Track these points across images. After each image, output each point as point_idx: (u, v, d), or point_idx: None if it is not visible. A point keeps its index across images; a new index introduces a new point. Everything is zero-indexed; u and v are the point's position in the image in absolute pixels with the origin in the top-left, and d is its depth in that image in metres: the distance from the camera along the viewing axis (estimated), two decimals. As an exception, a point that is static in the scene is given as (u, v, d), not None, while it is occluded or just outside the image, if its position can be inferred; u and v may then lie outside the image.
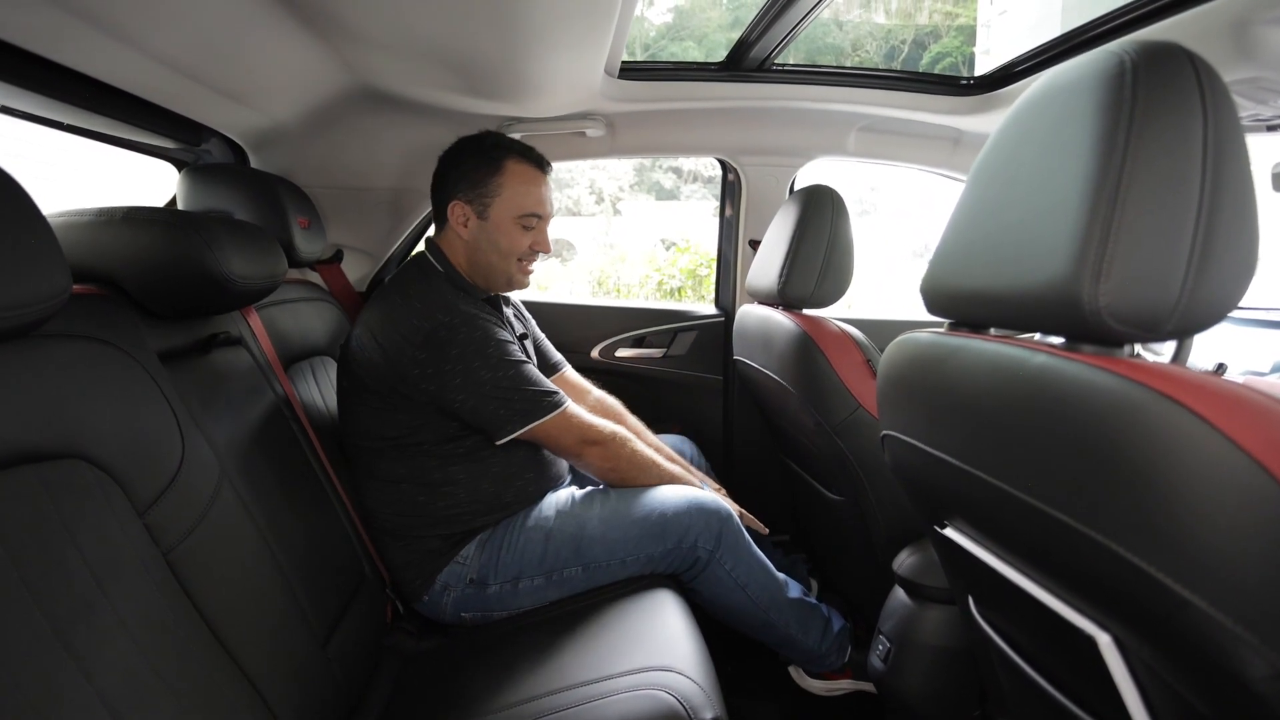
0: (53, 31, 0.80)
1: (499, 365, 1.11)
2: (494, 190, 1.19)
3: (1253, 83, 0.95)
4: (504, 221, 1.19)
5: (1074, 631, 0.56)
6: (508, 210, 1.19)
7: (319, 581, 0.96)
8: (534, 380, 1.14)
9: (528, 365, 1.15)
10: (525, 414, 1.12)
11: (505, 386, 1.11)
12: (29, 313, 0.58)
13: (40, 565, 0.57)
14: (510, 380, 1.11)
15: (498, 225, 1.20)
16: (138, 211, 0.86)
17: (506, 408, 1.11)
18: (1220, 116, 0.48)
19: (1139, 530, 0.45)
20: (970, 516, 0.69)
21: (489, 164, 1.19)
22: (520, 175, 1.20)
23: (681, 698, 0.87)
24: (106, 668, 0.59)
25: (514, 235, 1.20)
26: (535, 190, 1.21)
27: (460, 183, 1.20)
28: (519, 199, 1.19)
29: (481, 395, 1.10)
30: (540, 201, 1.22)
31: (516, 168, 1.20)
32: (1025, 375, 0.54)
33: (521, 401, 1.12)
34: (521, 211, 1.20)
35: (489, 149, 1.20)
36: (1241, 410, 0.42)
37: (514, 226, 1.20)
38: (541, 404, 1.13)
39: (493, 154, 1.19)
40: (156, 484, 0.71)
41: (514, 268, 1.22)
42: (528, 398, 1.12)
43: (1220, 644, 0.42)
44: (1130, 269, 0.47)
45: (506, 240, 1.20)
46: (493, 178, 1.18)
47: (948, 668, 1.00)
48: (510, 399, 1.11)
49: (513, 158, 1.20)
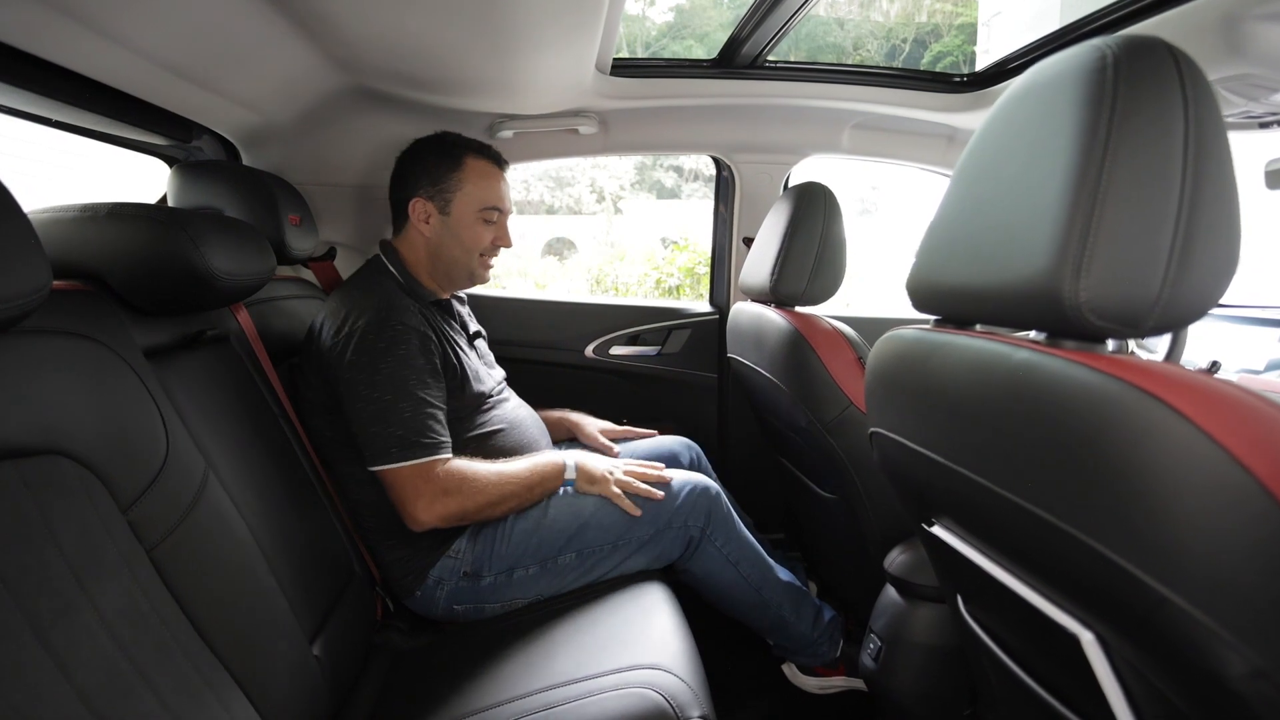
0: (41, 28, 0.80)
1: (382, 386, 1.06)
2: (455, 186, 1.22)
3: (1243, 79, 0.94)
4: (466, 216, 1.23)
5: (1058, 630, 0.56)
6: (469, 205, 1.23)
7: (307, 579, 0.95)
8: (409, 416, 1.06)
9: (417, 399, 1.07)
10: (381, 452, 1.05)
11: (374, 413, 1.05)
12: (8, 308, 0.58)
13: (18, 563, 0.57)
14: (383, 408, 1.06)
15: (460, 220, 1.23)
16: (123, 207, 0.86)
17: (369, 437, 1.07)
18: (1202, 111, 0.47)
19: (1118, 527, 0.44)
20: (956, 514, 0.68)
21: (449, 161, 1.22)
22: (480, 171, 1.23)
23: (669, 696, 0.87)
24: (87, 666, 0.59)
25: (476, 230, 1.24)
26: (495, 185, 1.25)
27: (421, 180, 1.23)
28: (480, 193, 1.23)
29: (357, 416, 1.07)
30: (500, 196, 1.25)
31: (476, 164, 1.23)
32: (1007, 371, 0.53)
33: (382, 436, 1.05)
34: (483, 205, 1.23)
35: (449, 147, 1.24)
36: (1221, 407, 0.42)
37: (476, 221, 1.23)
38: (394, 448, 1.05)
39: (452, 151, 1.23)
40: (140, 480, 0.71)
41: (476, 263, 1.26)
42: (390, 434, 1.05)
43: (1199, 642, 0.42)
44: (1111, 265, 0.47)
45: (469, 235, 1.23)
46: (453, 174, 1.22)
47: (939, 666, 1.00)
48: (371, 428, 1.06)
49: (471, 154, 1.24)
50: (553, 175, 9.11)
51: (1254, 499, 0.39)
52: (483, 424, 1.23)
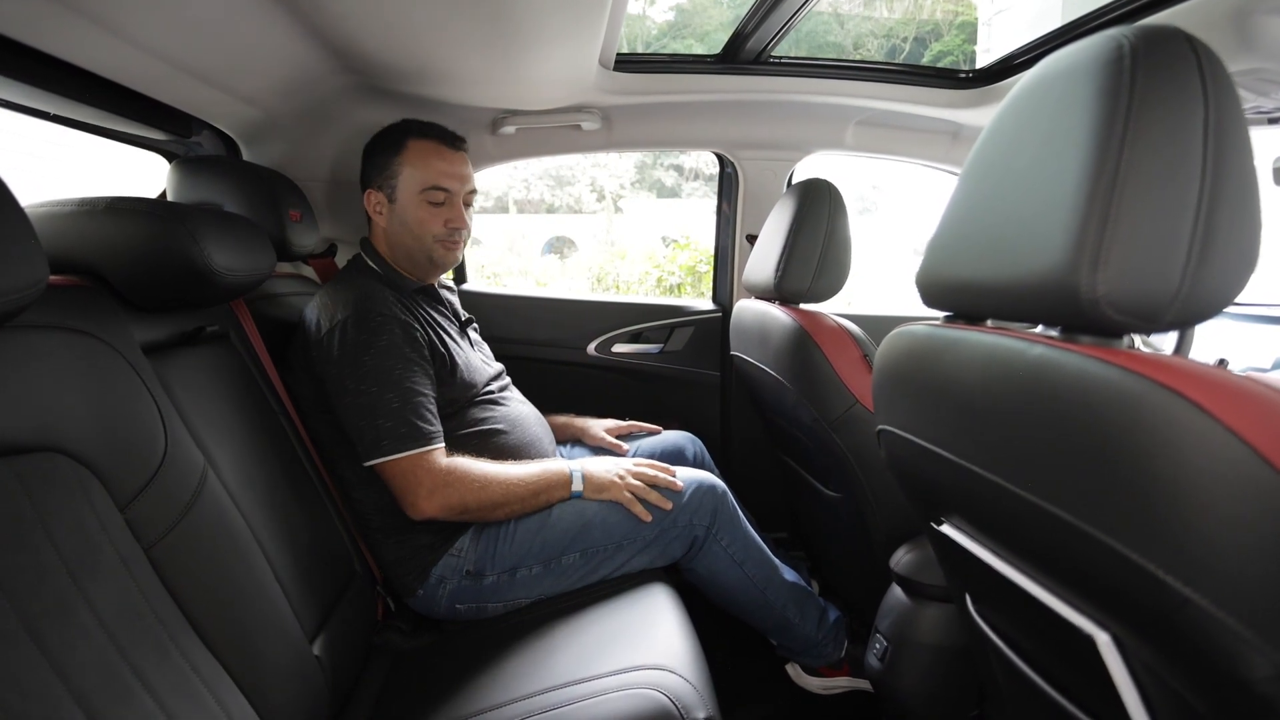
0: (38, 19, 0.79)
1: (366, 379, 1.05)
2: (396, 171, 1.20)
3: (1254, 74, 0.93)
4: (410, 200, 1.20)
5: (1072, 630, 0.55)
6: (412, 188, 1.20)
7: (307, 578, 0.94)
8: (396, 407, 1.05)
9: (402, 388, 1.06)
10: (372, 446, 1.04)
11: (363, 407, 1.05)
12: (3, 302, 0.57)
13: (13, 562, 0.56)
14: (370, 400, 1.04)
15: (405, 205, 1.21)
16: (121, 202, 0.85)
17: (359, 432, 1.06)
18: (1222, 102, 0.46)
19: (1138, 526, 0.43)
20: (967, 513, 0.67)
21: (392, 146, 1.21)
22: (421, 151, 1.20)
23: (674, 697, 0.86)
24: (83, 666, 0.58)
25: (422, 213, 1.20)
26: (438, 164, 1.21)
27: (370, 171, 1.23)
28: (421, 174, 1.20)
29: (346, 413, 1.06)
30: (444, 174, 1.21)
31: (417, 144, 1.20)
32: (1022, 367, 0.52)
33: (372, 429, 1.04)
34: (424, 185, 1.20)
35: (392, 132, 1.22)
36: (1244, 402, 0.41)
37: (420, 204, 1.20)
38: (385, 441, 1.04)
39: (394, 136, 1.21)
40: (138, 478, 0.70)
41: (432, 247, 1.22)
42: (379, 427, 1.04)
43: (1222, 644, 0.41)
44: (1129, 258, 0.46)
45: (415, 219, 1.20)
46: (395, 159, 1.20)
47: (945, 667, 0.99)
48: (360, 423, 1.05)
49: (413, 136, 1.21)
50: (553, 174, 9.09)
51: (1276, 494, 0.38)
52: (481, 421, 1.22)
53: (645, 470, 1.18)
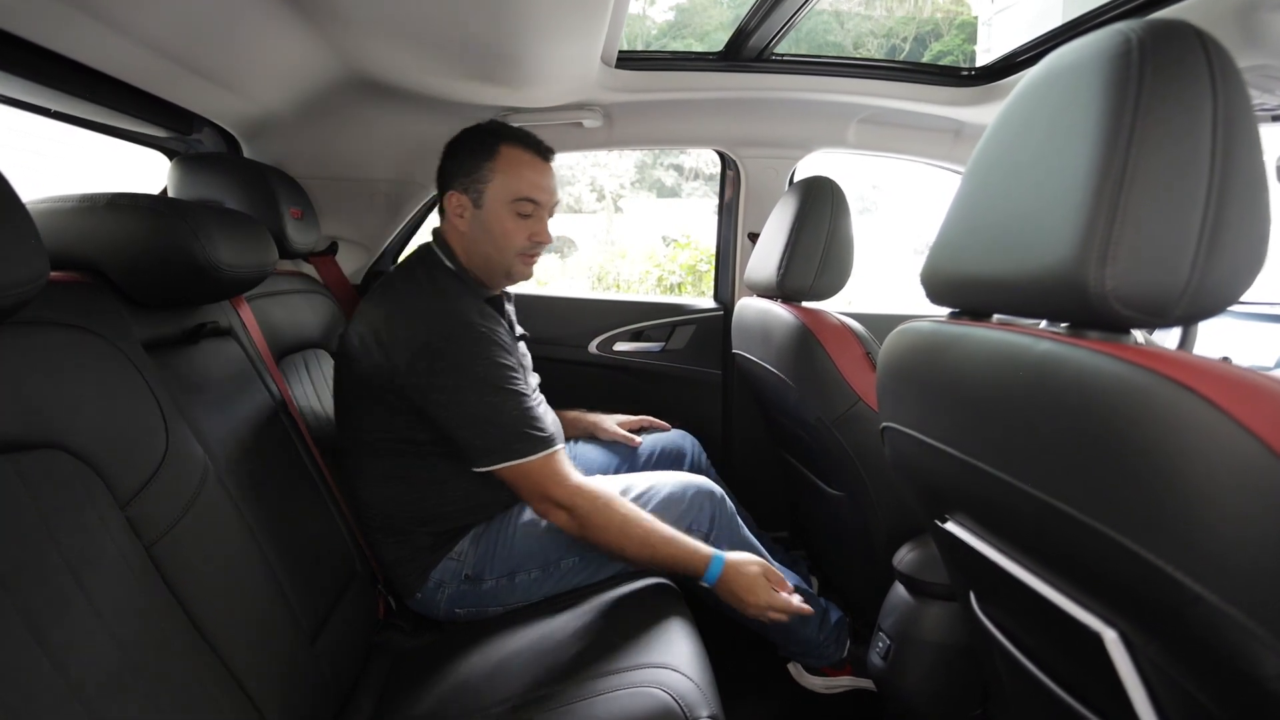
0: (40, 15, 0.79)
1: (480, 388, 1.04)
2: (487, 176, 1.14)
3: (1259, 70, 0.93)
4: (498, 209, 1.15)
5: (1079, 628, 0.55)
6: (501, 196, 1.15)
7: (308, 577, 0.94)
8: (518, 413, 1.06)
9: (516, 394, 1.07)
10: (498, 451, 1.04)
11: (483, 415, 1.04)
12: (3, 298, 0.57)
13: (14, 559, 0.56)
14: (489, 408, 1.04)
15: (492, 213, 1.15)
16: (122, 198, 0.85)
17: (480, 438, 1.05)
18: (1231, 96, 0.46)
19: (1148, 522, 0.43)
20: (972, 510, 0.67)
21: (484, 150, 1.15)
22: (515, 160, 1.15)
23: (678, 696, 0.86)
24: (84, 664, 0.58)
25: (509, 223, 1.15)
26: (530, 175, 1.16)
27: (456, 172, 1.16)
28: (512, 184, 1.14)
29: (460, 419, 1.05)
30: (536, 186, 1.16)
31: (511, 152, 1.15)
32: (1029, 362, 0.52)
33: (497, 436, 1.04)
34: (515, 196, 1.15)
35: (485, 135, 1.17)
36: (1253, 396, 0.40)
37: (508, 214, 1.15)
38: (514, 445, 1.04)
39: (487, 140, 1.16)
40: (139, 476, 0.70)
41: (512, 260, 1.18)
42: (504, 434, 1.04)
43: (1232, 641, 0.40)
44: (1137, 252, 0.46)
45: (500, 229, 1.15)
46: (486, 163, 1.14)
47: (949, 665, 0.99)
48: (484, 430, 1.04)
49: (507, 143, 1.16)
50: (552, 174, 9.07)
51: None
52: None
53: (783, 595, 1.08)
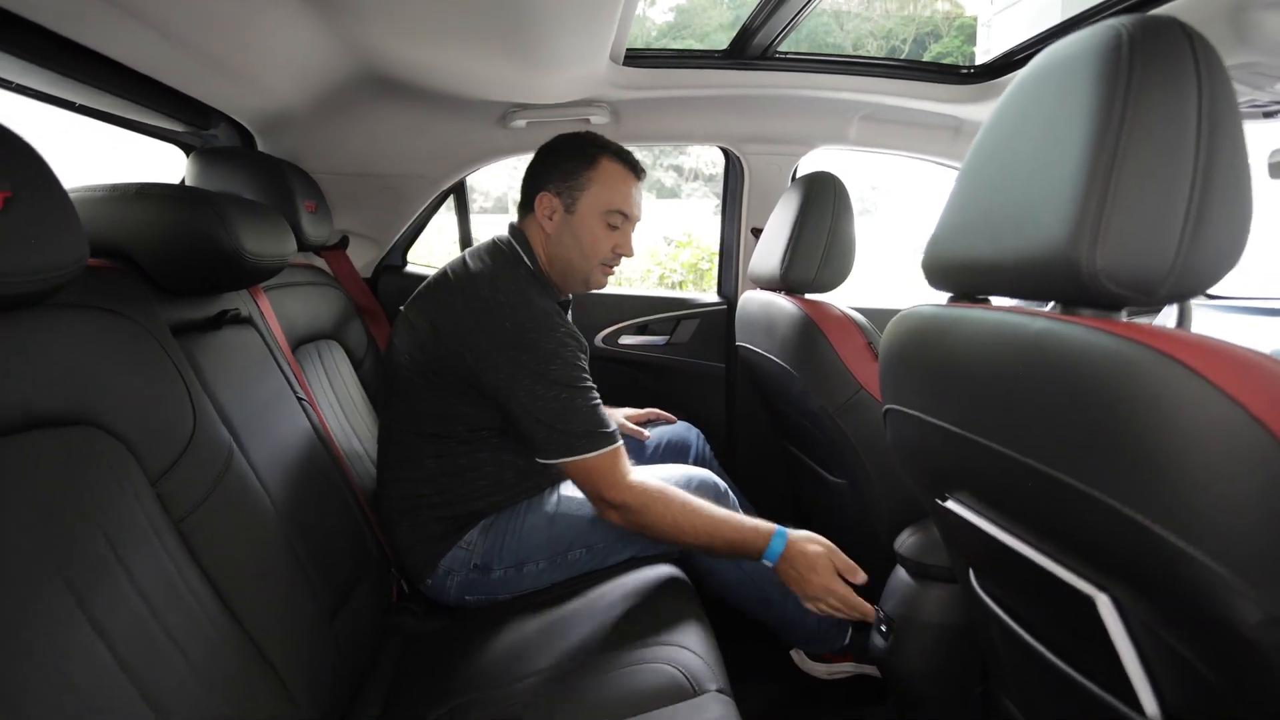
0: (73, 10, 0.81)
1: (556, 385, 1.08)
2: (584, 184, 1.18)
3: (1250, 68, 0.96)
4: (590, 217, 1.18)
5: (1073, 594, 0.57)
6: (595, 205, 1.18)
7: (326, 557, 0.97)
8: (586, 411, 1.09)
9: (588, 392, 1.11)
10: (564, 446, 1.08)
11: (554, 410, 1.07)
12: (46, 279, 0.59)
13: (58, 527, 0.58)
14: (561, 405, 1.08)
15: (583, 221, 1.18)
16: (150, 187, 0.87)
17: (549, 432, 1.08)
18: (1215, 87, 0.49)
19: (1137, 484, 0.46)
20: (972, 485, 0.70)
21: (584, 159, 1.18)
22: (613, 173, 1.19)
23: (686, 671, 0.89)
24: (121, 629, 0.60)
25: (598, 233, 1.18)
26: (625, 189, 1.20)
27: (553, 174, 1.19)
28: (608, 195, 1.18)
29: (534, 411, 1.08)
30: (628, 200, 1.20)
31: (611, 165, 1.19)
32: (1025, 340, 0.55)
33: (565, 431, 1.08)
34: (609, 207, 1.18)
35: (586, 144, 1.20)
36: (1239, 367, 0.43)
37: (599, 223, 1.18)
38: (580, 441, 1.08)
39: (589, 150, 1.19)
40: (169, 454, 0.72)
41: (594, 268, 1.21)
42: (573, 430, 1.08)
43: (1215, 593, 0.43)
44: (1127, 233, 0.49)
45: (589, 237, 1.18)
46: (585, 171, 1.18)
47: (949, 645, 1.01)
48: (553, 425, 1.08)
49: (608, 155, 1.19)
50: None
51: (1269, 453, 0.41)
52: None
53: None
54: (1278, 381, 0.42)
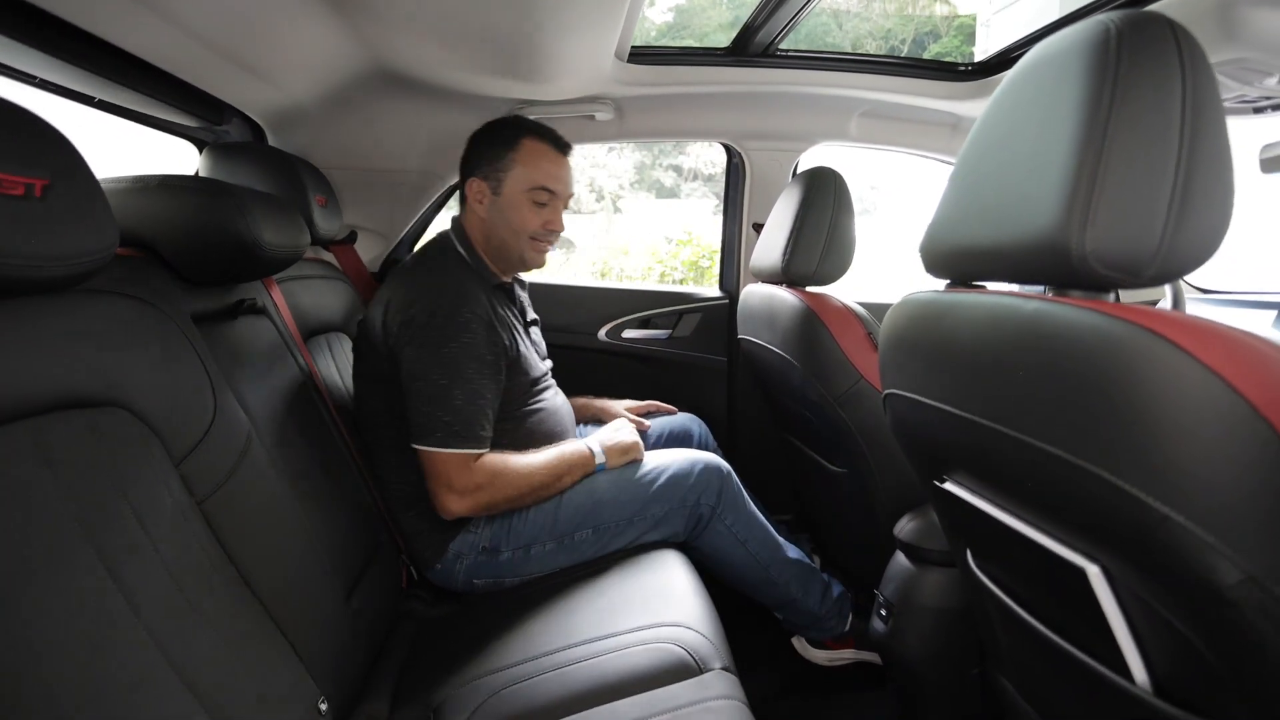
0: (96, 4, 0.83)
1: (441, 368, 1.09)
2: (508, 165, 1.22)
3: (1238, 63, 0.98)
4: (516, 196, 1.23)
5: (1065, 566, 0.60)
6: (520, 184, 1.22)
7: (341, 541, 0.99)
8: (460, 405, 1.09)
9: (470, 385, 1.11)
10: (425, 430, 1.09)
11: (430, 394, 1.09)
12: (80, 264, 0.62)
13: (92, 502, 0.61)
14: (439, 390, 1.09)
15: (510, 201, 1.23)
16: (172, 179, 0.90)
17: (419, 415, 1.10)
18: (1198, 79, 0.51)
19: (1123, 454, 0.48)
20: (968, 465, 0.72)
21: (505, 141, 1.23)
22: (534, 151, 1.23)
23: (691, 650, 0.91)
24: (152, 600, 0.62)
25: (525, 211, 1.23)
26: (547, 166, 1.24)
27: (479, 160, 1.24)
28: (531, 173, 1.22)
29: (411, 391, 1.10)
30: (552, 176, 1.24)
31: (532, 144, 1.23)
32: (1019, 321, 0.57)
33: (429, 415, 1.09)
34: (532, 185, 1.22)
35: (507, 127, 1.25)
36: (1217, 341, 0.46)
37: (525, 202, 1.23)
38: (438, 433, 1.08)
39: (510, 132, 1.24)
40: (191, 437, 0.74)
41: (526, 246, 1.25)
42: (439, 419, 1.09)
43: (1196, 555, 0.46)
44: (1114, 217, 0.51)
45: (518, 216, 1.23)
46: (508, 153, 1.22)
47: (948, 628, 1.04)
48: (421, 407, 1.09)
49: (529, 136, 1.24)
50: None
51: (1247, 422, 0.43)
52: (527, 410, 1.26)
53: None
54: (1255, 355, 0.45)
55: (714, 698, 0.83)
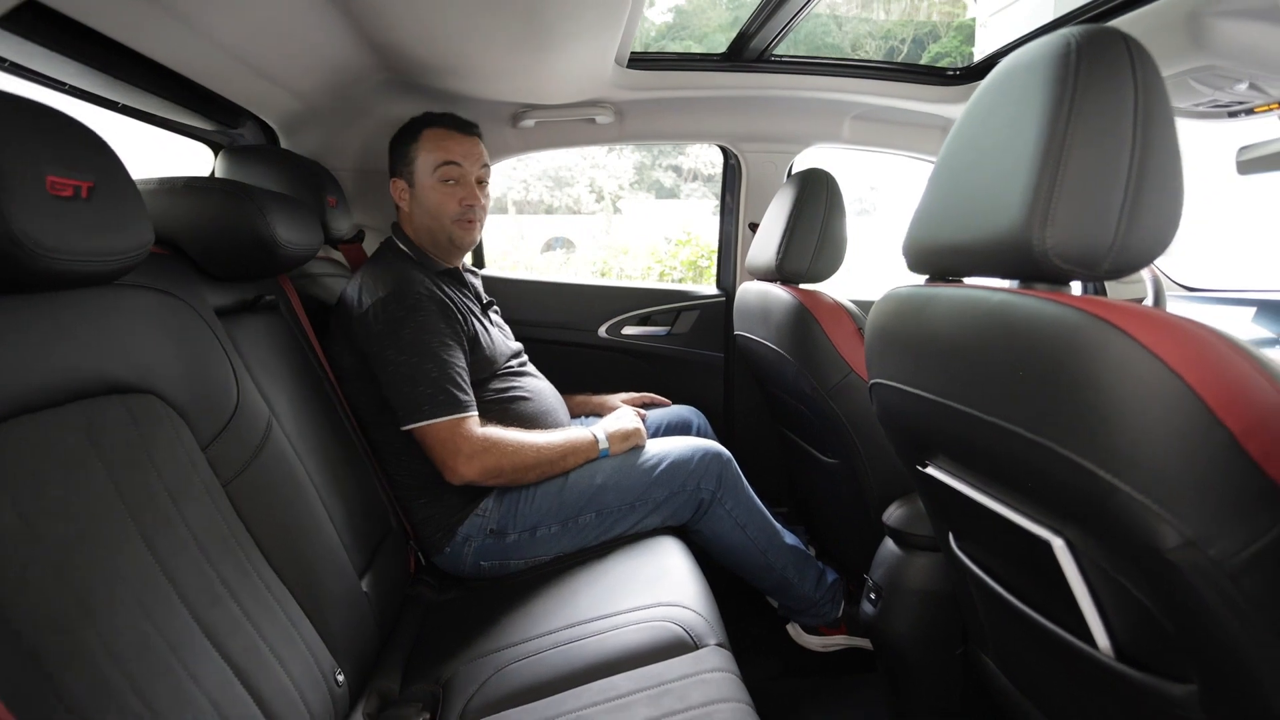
0: (122, 13, 0.87)
1: (406, 350, 1.15)
2: (414, 157, 1.30)
3: (1209, 70, 1.03)
4: (426, 183, 1.30)
5: (1034, 541, 0.65)
6: (426, 170, 1.30)
7: (355, 523, 1.04)
8: (435, 376, 1.15)
9: (438, 356, 1.16)
10: (413, 409, 1.14)
11: (404, 375, 1.14)
12: (120, 260, 0.67)
13: (130, 479, 0.66)
14: (411, 369, 1.14)
15: (423, 189, 1.31)
16: (197, 180, 0.95)
17: (399, 397, 1.15)
18: (1150, 89, 0.56)
19: (1078, 431, 0.53)
20: (948, 449, 0.77)
21: (410, 136, 1.31)
22: (434, 136, 1.31)
23: (687, 627, 0.96)
24: (184, 572, 0.67)
25: (438, 195, 1.30)
26: (448, 144, 1.30)
27: (394, 162, 1.33)
28: (432, 155, 1.29)
29: (386, 378, 1.17)
30: (452, 152, 1.30)
31: (431, 131, 1.31)
32: (987, 311, 0.62)
33: (411, 395, 1.14)
34: (435, 164, 1.29)
35: (411, 124, 1.33)
36: (1161, 328, 0.50)
37: (435, 185, 1.30)
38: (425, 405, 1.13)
39: (413, 128, 1.32)
40: (216, 423, 0.79)
41: (451, 228, 1.32)
42: (421, 394, 1.14)
43: (1142, 521, 0.51)
44: (1072, 216, 0.56)
45: (432, 200, 1.30)
46: (412, 146, 1.30)
47: (933, 609, 1.08)
48: (401, 388, 1.15)
49: (428, 126, 1.32)
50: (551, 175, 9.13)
51: (1185, 402, 0.48)
52: (504, 390, 1.31)
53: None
54: (1195, 340, 0.49)
55: (708, 670, 0.88)
